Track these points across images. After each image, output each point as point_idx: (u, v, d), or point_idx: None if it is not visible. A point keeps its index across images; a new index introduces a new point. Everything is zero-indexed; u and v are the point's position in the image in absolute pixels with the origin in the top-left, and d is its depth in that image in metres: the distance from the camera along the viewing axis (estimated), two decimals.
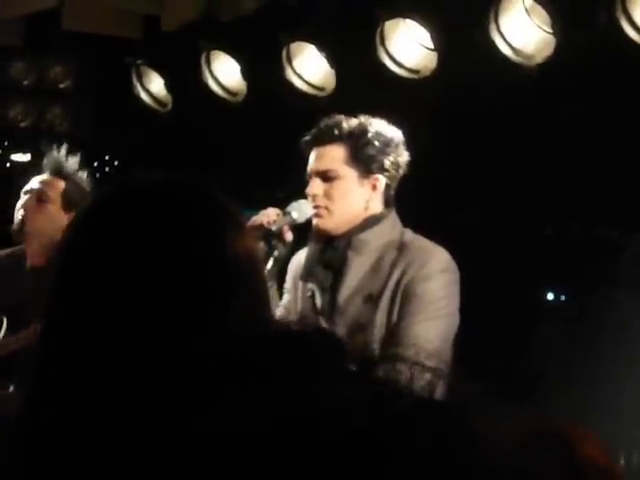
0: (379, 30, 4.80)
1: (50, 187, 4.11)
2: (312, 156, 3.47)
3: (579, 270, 5.49)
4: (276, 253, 3.38)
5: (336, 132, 3.42)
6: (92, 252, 1.30)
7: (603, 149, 4.64)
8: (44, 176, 4.12)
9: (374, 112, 3.53)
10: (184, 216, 1.32)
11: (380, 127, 3.46)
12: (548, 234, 5.67)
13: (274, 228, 3.37)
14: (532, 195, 5.20)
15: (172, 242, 1.29)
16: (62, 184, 4.11)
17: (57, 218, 4.03)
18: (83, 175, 4.16)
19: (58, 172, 4.12)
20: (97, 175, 6.73)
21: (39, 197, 4.08)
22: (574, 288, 5.72)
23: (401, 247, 3.40)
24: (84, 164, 4.19)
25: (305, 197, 3.46)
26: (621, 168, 4.69)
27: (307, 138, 3.48)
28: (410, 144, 3.52)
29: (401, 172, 3.49)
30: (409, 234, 3.46)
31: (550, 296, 5.84)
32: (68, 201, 4.08)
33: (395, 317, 3.30)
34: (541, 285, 5.83)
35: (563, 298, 5.83)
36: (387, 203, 3.49)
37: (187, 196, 1.36)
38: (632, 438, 4.94)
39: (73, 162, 4.14)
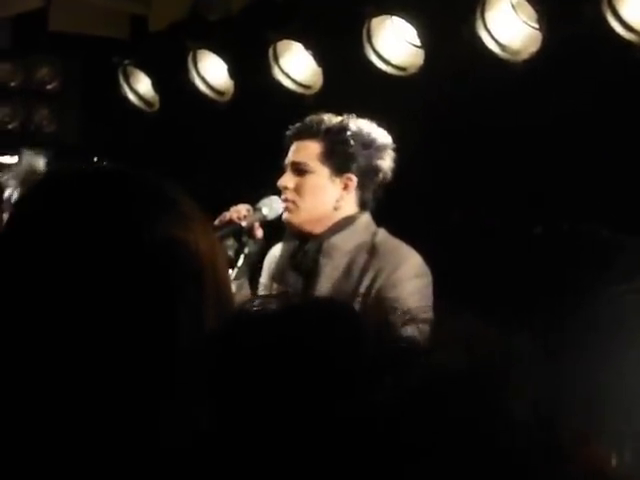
0: (366, 27, 4.78)
1: None
2: (290, 150, 3.49)
3: (571, 270, 5.47)
4: (246, 250, 3.37)
5: (315, 128, 3.41)
6: (16, 246, 1.30)
7: (592, 145, 4.62)
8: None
9: (361, 110, 3.50)
10: (113, 205, 1.29)
11: (363, 127, 3.42)
12: (538, 233, 5.63)
13: (244, 224, 3.35)
14: (521, 193, 5.18)
15: (98, 230, 1.27)
16: None
17: None
18: None
19: None
20: None
21: None
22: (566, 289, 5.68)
23: (372, 250, 3.35)
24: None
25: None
26: (610, 165, 4.67)
27: (289, 132, 3.52)
28: (397, 141, 3.49)
29: (381, 176, 3.43)
30: (382, 235, 3.41)
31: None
32: None
33: None
34: (531, 286, 5.80)
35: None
36: (362, 205, 3.45)
37: (118, 185, 1.33)
38: (623, 436, 4.90)
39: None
